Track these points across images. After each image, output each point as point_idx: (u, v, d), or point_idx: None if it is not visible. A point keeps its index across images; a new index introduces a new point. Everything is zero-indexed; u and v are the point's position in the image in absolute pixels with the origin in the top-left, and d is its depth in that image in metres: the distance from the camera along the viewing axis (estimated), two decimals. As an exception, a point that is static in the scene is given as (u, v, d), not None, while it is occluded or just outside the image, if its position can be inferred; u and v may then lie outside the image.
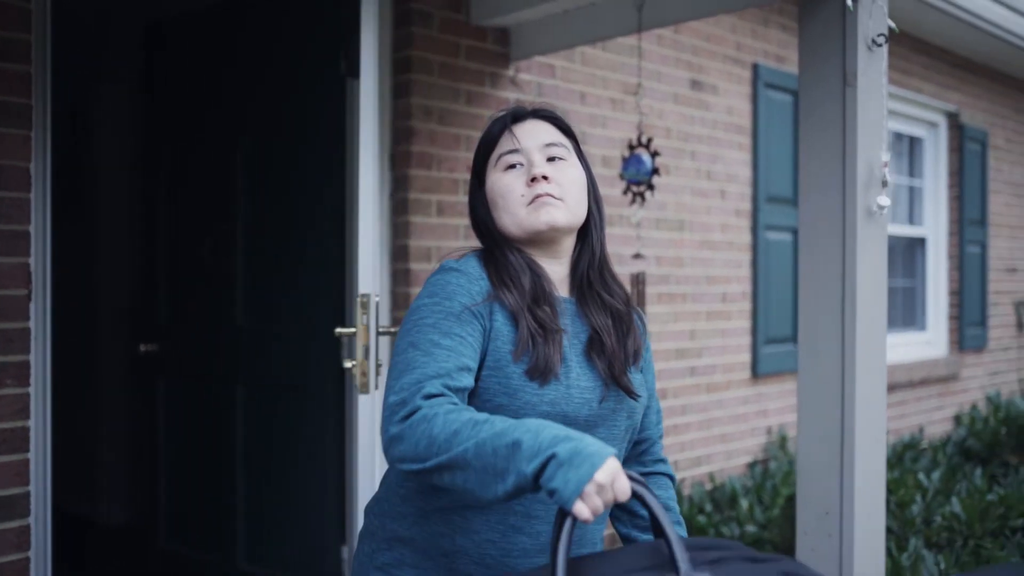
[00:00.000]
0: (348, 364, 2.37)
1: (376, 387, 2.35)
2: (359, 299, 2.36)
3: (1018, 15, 5.52)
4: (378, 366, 2.35)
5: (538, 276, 1.47)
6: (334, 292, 2.94)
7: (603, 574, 1.12)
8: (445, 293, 1.41)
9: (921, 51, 5.79)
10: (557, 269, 1.52)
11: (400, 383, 1.31)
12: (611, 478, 1.13)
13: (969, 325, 6.40)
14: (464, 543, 1.41)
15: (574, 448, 1.13)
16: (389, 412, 1.29)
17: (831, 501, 2.40)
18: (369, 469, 2.40)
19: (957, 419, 6.19)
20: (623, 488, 1.14)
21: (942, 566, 3.16)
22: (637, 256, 3.17)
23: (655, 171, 3.12)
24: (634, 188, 3.16)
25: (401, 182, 3.21)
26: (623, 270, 3.48)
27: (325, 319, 2.90)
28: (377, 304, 2.34)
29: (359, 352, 2.32)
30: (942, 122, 6.33)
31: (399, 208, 3.22)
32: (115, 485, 4.43)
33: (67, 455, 3.94)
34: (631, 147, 3.18)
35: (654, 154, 3.14)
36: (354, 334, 2.38)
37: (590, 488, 1.11)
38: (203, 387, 3.34)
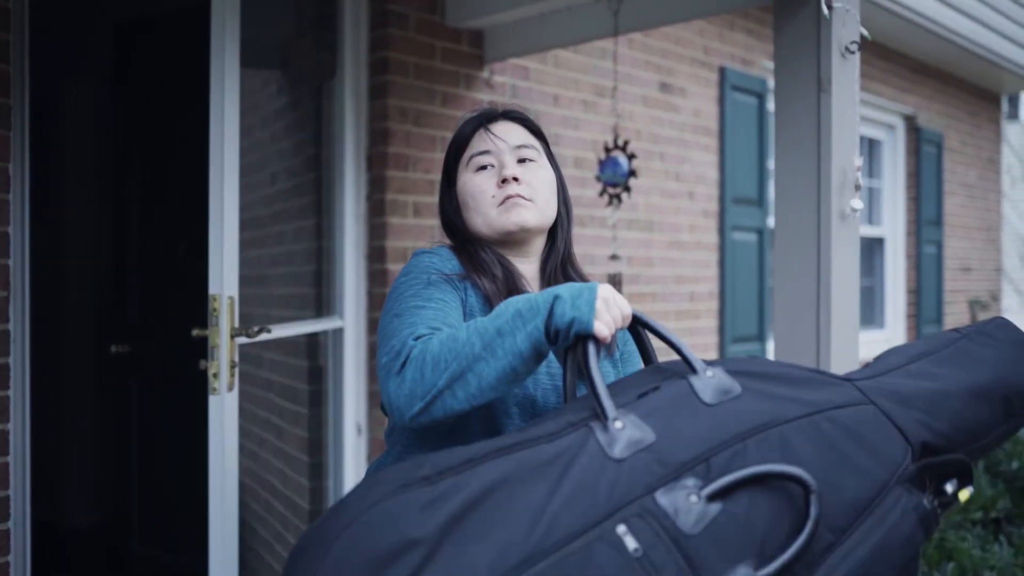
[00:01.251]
0: (203, 364, 2.30)
1: (229, 389, 2.24)
2: (210, 300, 2.26)
3: (968, 19, 5.67)
4: (232, 367, 2.26)
5: (509, 272, 1.49)
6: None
7: (630, 390, 1.15)
8: (420, 269, 1.43)
9: (879, 55, 5.91)
10: (527, 268, 1.55)
11: (389, 344, 1.29)
12: (612, 294, 1.21)
13: (926, 323, 6.55)
14: None
15: (569, 286, 1.21)
16: (384, 371, 1.27)
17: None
18: (220, 472, 2.31)
19: (914, 415, 6.32)
20: (624, 302, 1.23)
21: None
22: (614, 257, 3.21)
23: (631, 173, 3.16)
24: (610, 190, 3.20)
25: (378, 183, 3.22)
26: (599, 271, 3.52)
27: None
28: (229, 304, 2.24)
29: (210, 353, 2.25)
30: (900, 124, 6.46)
31: (376, 209, 3.23)
32: (85, 488, 4.36)
33: (36, 458, 3.88)
34: (607, 149, 3.21)
35: (630, 156, 3.17)
36: (207, 336, 2.30)
37: (600, 305, 1.18)
38: (176, 387, 3.31)
